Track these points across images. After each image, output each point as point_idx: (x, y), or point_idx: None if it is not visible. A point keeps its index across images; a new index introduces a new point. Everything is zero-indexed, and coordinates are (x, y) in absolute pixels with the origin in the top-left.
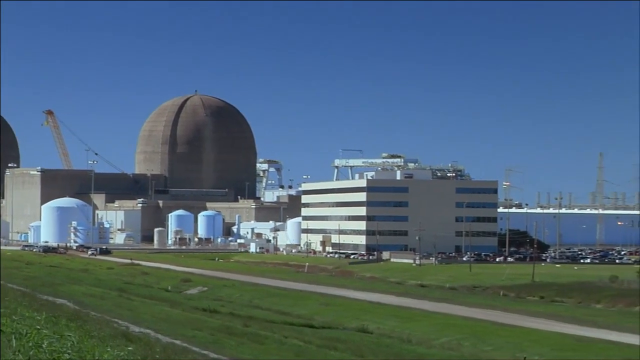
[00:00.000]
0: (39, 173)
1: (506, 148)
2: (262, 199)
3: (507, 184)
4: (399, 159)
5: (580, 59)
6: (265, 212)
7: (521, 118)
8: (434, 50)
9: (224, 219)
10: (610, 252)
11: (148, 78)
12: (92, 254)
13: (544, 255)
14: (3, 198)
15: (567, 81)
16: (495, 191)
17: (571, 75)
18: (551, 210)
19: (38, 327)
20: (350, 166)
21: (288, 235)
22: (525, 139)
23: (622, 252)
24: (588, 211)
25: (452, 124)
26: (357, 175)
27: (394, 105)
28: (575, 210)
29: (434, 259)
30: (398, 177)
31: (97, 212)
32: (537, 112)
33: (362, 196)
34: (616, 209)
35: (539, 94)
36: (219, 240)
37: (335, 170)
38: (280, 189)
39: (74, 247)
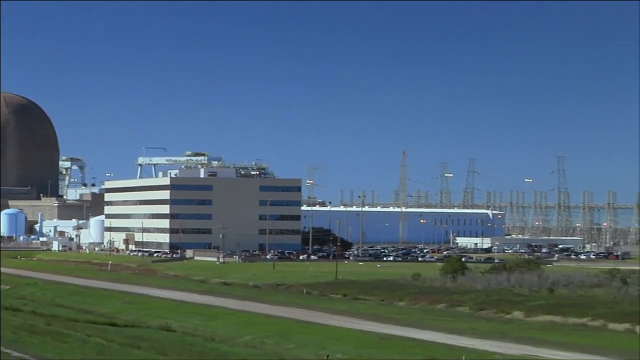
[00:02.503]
0: None
1: (310, 146)
2: (64, 197)
3: (311, 182)
4: (202, 157)
5: (382, 54)
6: (68, 210)
7: (324, 115)
8: (234, 43)
9: (26, 217)
10: (413, 250)
11: None
12: None
13: (347, 253)
14: None
15: (369, 76)
16: (298, 189)
17: (374, 70)
18: (354, 208)
19: None
20: (154, 164)
21: (91, 233)
22: (329, 136)
23: (425, 250)
24: (391, 209)
25: (255, 122)
26: (160, 174)
27: (197, 102)
28: (379, 209)
29: (237, 257)
30: (202, 175)
31: None
32: (340, 109)
33: (165, 194)
34: (419, 207)
35: (341, 90)
36: (21, 238)
37: (139, 168)
38: (83, 187)
39: None
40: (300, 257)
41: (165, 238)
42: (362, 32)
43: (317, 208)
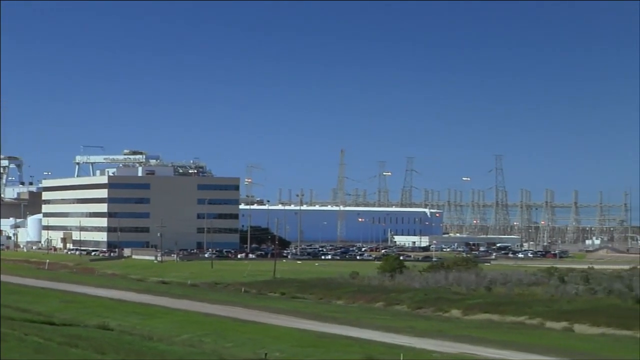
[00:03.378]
0: None
1: (248, 144)
2: (2, 195)
3: (249, 180)
4: (140, 156)
5: (319, 51)
6: (6, 209)
7: (262, 113)
8: (169, 42)
9: None
10: (351, 249)
11: None
12: None
13: (285, 251)
14: None
15: (307, 74)
16: (236, 188)
17: (311, 67)
18: (293, 207)
19: None
20: (92, 163)
21: (29, 232)
22: (267, 135)
23: (363, 249)
24: (329, 208)
25: (193, 120)
26: (98, 172)
27: (134, 100)
28: (317, 207)
29: (175, 255)
30: (140, 174)
31: None
32: (278, 107)
33: (103, 193)
34: (357, 205)
35: (279, 88)
36: None
37: (77, 167)
38: (21, 185)
39: None
40: (239, 256)
41: (103, 237)
42: (297, 29)
43: (255, 207)
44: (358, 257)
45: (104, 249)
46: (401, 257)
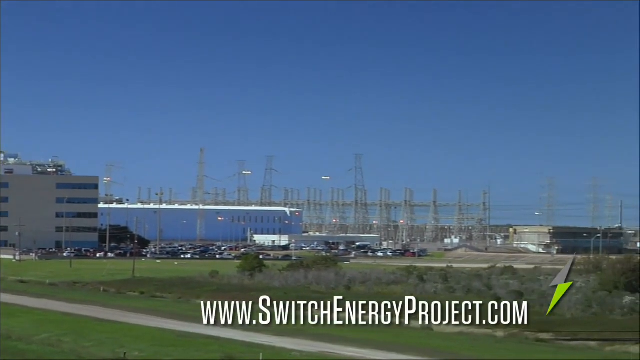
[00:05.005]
0: None
1: (107, 143)
2: None
3: (108, 179)
4: None
5: (177, 47)
6: None
7: (121, 112)
8: (26, 39)
9: None
10: (211, 248)
11: None
12: None
13: (144, 250)
14: None
15: (165, 71)
16: (96, 187)
17: (168, 65)
18: (152, 206)
19: None
20: None
21: None
22: (126, 133)
23: (223, 248)
24: (189, 207)
25: (51, 118)
26: None
27: None
28: (176, 206)
29: (34, 254)
30: None
31: None
32: (137, 105)
33: None
34: (217, 204)
35: (137, 85)
36: None
37: None
38: None
39: None
40: (98, 255)
41: None
42: (155, 26)
43: (114, 205)
44: (218, 256)
45: None
46: (261, 256)
